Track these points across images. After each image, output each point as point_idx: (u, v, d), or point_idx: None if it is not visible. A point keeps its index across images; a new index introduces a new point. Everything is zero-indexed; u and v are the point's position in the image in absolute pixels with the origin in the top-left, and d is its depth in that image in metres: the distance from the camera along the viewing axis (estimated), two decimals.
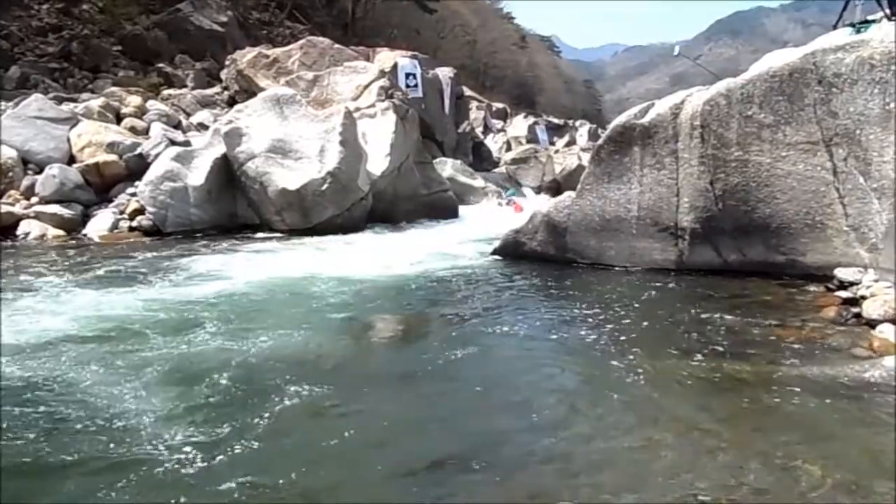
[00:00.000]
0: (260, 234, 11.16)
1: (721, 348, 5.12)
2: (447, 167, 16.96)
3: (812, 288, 6.66)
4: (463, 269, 8.56)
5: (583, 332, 5.76)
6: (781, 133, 7.27)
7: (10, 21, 18.85)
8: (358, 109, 14.03)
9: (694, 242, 7.75)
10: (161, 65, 20.26)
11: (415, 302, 6.89)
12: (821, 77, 6.95)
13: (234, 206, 11.87)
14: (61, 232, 10.40)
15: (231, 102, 17.46)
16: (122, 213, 11.16)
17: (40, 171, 11.26)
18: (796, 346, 5.10)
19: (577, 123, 37.28)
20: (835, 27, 8.38)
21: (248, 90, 17.32)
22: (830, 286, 6.39)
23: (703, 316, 6.01)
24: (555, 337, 5.67)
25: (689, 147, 7.73)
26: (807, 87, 7.07)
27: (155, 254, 9.13)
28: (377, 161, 12.93)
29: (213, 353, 4.95)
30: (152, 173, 11.20)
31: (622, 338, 5.54)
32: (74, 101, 14.71)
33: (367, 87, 15.93)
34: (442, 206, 14.45)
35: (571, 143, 30.29)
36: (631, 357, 5.09)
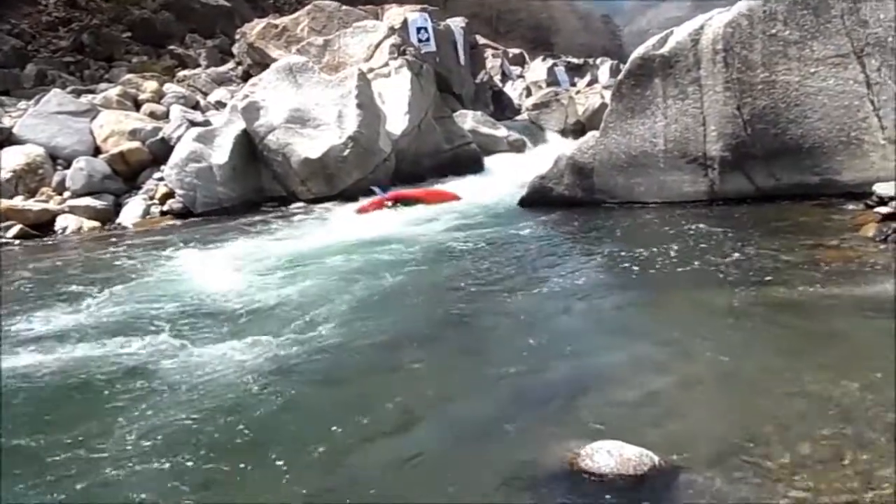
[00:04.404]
0: (288, 206, 11.22)
1: (759, 275, 5.05)
2: (468, 119, 16.72)
3: (850, 206, 6.49)
4: (493, 220, 8.52)
5: (618, 273, 5.74)
6: (809, 49, 7.02)
7: (19, 19, 18.99)
8: (371, 70, 13.88)
9: (724, 171, 7.58)
10: (173, 47, 20.33)
11: (450, 258, 6.85)
12: None
13: (259, 181, 11.91)
14: (96, 223, 10.58)
15: (246, 77, 17.44)
16: (152, 198, 11.30)
17: (69, 166, 11.44)
18: (836, 266, 5.00)
19: (598, 61, 36.41)
20: None
21: (262, 63, 17.23)
22: (869, 203, 6.21)
23: (739, 245, 5.91)
24: (591, 280, 5.62)
25: (713, 73, 7.50)
26: None
27: (188, 234, 9.26)
28: (396, 120, 12.82)
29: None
30: (176, 156, 11.28)
31: (658, 274, 5.49)
32: (92, 92, 14.86)
33: (378, 46, 15.72)
34: (466, 160, 14.30)
35: (593, 81, 29.61)
36: (669, 292, 5.08)
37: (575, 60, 35.53)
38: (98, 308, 5.70)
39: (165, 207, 11.10)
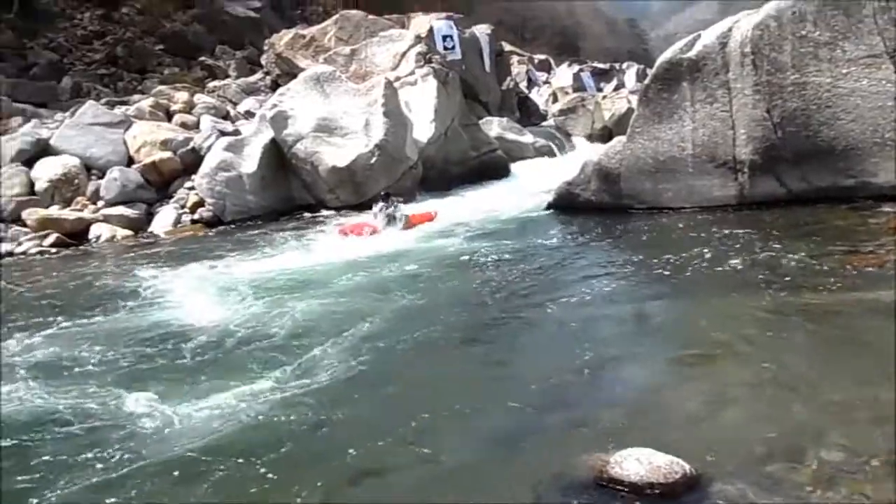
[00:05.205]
0: (317, 214, 11.32)
1: (792, 280, 4.97)
2: (494, 126, 16.75)
3: (886, 209, 6.35)
4: (521, 227, 8.53)
5: (648, 279, 5.69)
6: (840, 50, 6.91)
7: (56, 33, 19.47)
8: (398, 79, 13.96)
9: (754, 175, 7.48)
10: (203, 58, 20.65)
11: (478, 267, 6.84)
12: None
13: (288, 189, 12.06)
14: (129, 231, 10.79)
15: (274, 87, 17.61)
16: (182, 207, 11.49)
17: (103, 176, 11.69)
18: (870, 271, 4.89)
19: (624, 66, 36.13)
20: None
21: (290, 72, 17.41)
22: None
23: (771, 249, 5.82)
24: (620, 286, 5.59)
25: (742, 76, 7.42)
26: None
27: (216, 244, 9.39)
28: (423, 128, 12.88)
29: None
30: (207, 165, 11.47)
31: (689, 280, 5.43)
32: (126, 103, 15.15)
33: (404, 54, 15.79)
34: (493, 167, 14.32)
35: (619, 86, 29.41)
36: (700, 298, 5.02)
37: (601, 65, 35.32)
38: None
39: (196, 216, 11.28)
